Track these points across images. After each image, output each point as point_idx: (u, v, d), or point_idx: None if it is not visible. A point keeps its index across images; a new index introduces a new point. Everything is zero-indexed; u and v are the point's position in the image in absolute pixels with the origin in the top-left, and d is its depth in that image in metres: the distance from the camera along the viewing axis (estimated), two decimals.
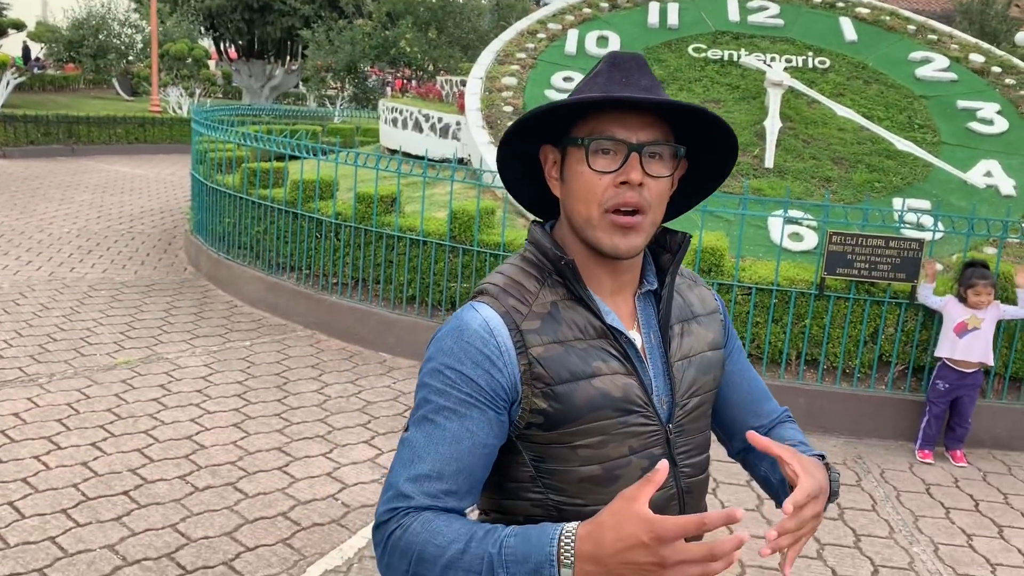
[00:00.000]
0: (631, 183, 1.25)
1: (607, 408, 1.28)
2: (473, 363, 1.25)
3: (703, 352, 1.43)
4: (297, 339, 6.58)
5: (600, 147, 1.27)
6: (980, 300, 5.04)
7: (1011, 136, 8.06)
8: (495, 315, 1.28)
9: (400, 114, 9.19)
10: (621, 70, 1.31)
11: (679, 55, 9.06)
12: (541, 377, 1.26)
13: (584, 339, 1.30)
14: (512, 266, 1.38)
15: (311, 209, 6.81)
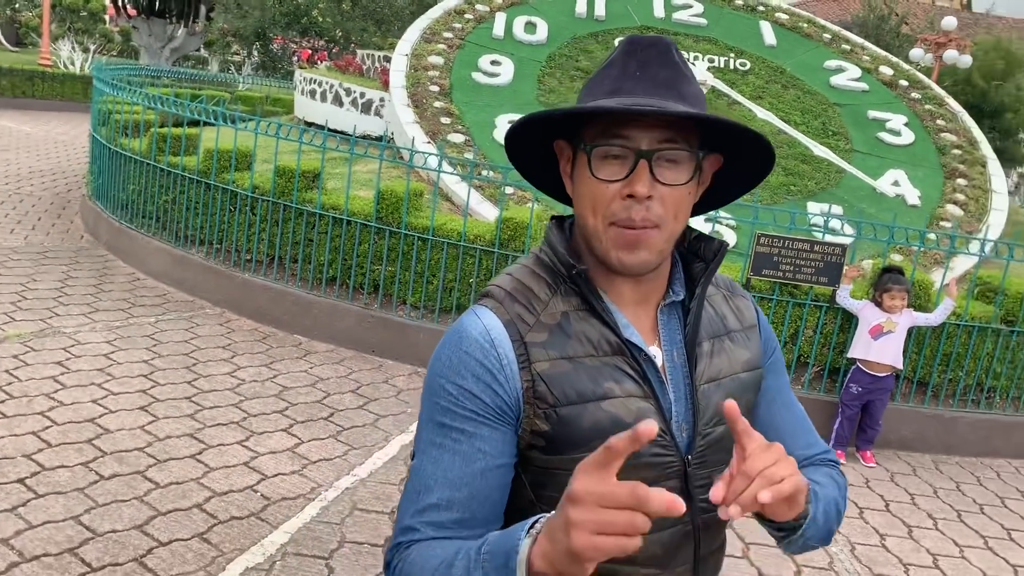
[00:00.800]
0: (637, 196, 1.11)
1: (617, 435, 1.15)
2: (474, 377, 1.14)
3: (736, 373, 1.27)
4: (206, 317, 6.25)
5: (606, 152, 1.13)
6: (894, 304, 5.21)
7: (917, 148, 8.41)
8: (498, 323, 1.16)
9: (319, 86, 8.86)
10: (637, 60, 1.16)
11: (605, 47, 9.04)
12: (544, 397, 1.14)
13: (597, 355, 1.16)
14: (523, 267, 1.24)
15: (226, 180, 6.46)
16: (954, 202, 7.71)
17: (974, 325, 5.64)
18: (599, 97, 1.16)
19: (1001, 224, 7.50)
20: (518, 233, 5.62)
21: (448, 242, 5.73)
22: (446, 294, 5.84)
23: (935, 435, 5.70)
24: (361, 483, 4.17)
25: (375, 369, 5.73)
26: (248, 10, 18.65)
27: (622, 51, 1.18)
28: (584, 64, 8.73)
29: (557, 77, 8.48)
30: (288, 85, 18.12)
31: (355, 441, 4.63)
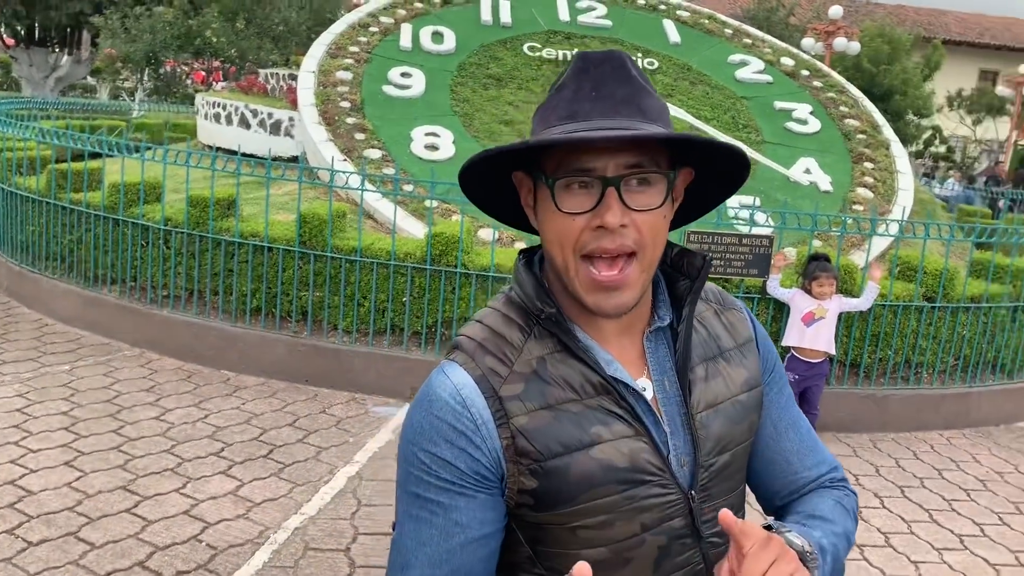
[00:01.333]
0: (608, 227, 1.03)
1: (610, 483, 1.07)
2: (447, 442, 1.05)
3: (735, 396, 1.19)
4: (125, 360, 5.93)
5: (569, 183, 1.04)
6: (823, 291, 5.31)
7: (824, 135, 8.65)
8: (468, 381, 1.07)
9: (223, 109, 8.55)
10: (591, 78, 1.07)
11: (514, 53, 9.02)
12: (527, 452, 1.06)
13: (580, 399, 1.08)
14: (493, 311, 1.15)
15: (135, 215, 6.15)
16: (864, 185, 7.95)
17: (898, 304, 5.81)
18: (554, 123, 1.07)
19: (909, 203, 7.78)
20: (449, 248, 5.51)
21: (377, 262, 5.58)
22: (379, 316, 5.69)
23: (870, 414, 5.85)
24: (311, 521, 4.00)
25: (311, 399, 5.53)
26: (137, 34, 17.93)
27: (574, 70, 1.09)
28: (495, 71, 8.68)
29: (469, 86, 8.41)
30: (187, 109, 17.54)
31: (299, 477, 4.44)
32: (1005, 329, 6.25)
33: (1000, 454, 5.75)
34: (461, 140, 7.59)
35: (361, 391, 5.64)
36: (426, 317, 5.61)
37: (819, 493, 1.26)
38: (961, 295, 5.98)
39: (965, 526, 4.62)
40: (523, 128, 7.90)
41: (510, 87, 8.53)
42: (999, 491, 5.13)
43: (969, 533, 4.54)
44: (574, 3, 9.95)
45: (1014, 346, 6.32)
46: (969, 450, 5.76)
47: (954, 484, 5.17)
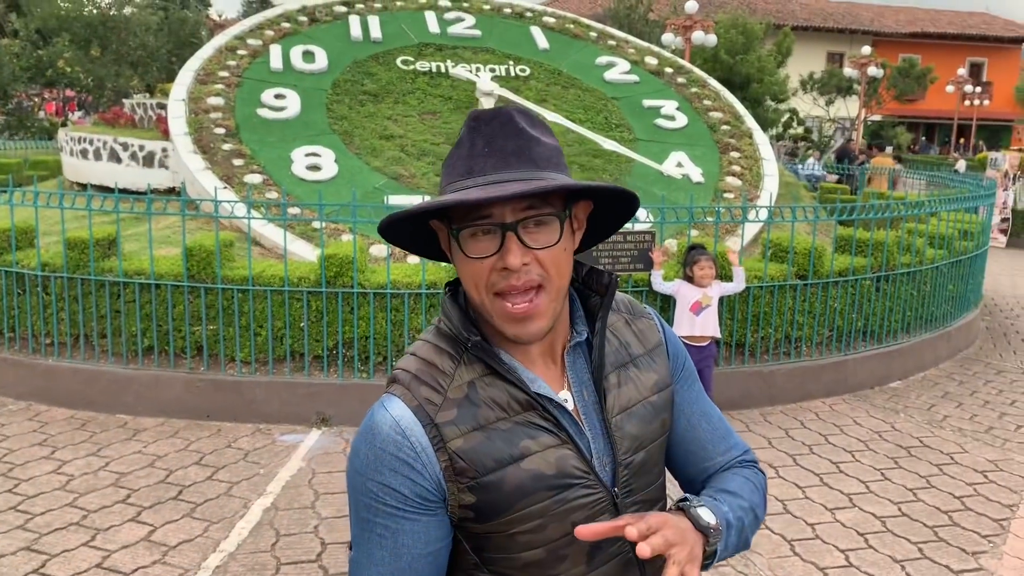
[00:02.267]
0: (511, 268, 1.14)
1: (541, 490, 1.18)
2: (391, 471, 1.15)
3: (646, 399, 1.31)
4: (10, 415, 5.67)
5: (473, 231, 1.15)
6: (704, 274, 5.58)
7: (691, 129, 9.07)
8: (407, 412, 1.17)
9: (91, 144, 8.25)
10: (482, 136, 1.18)
11: (388, 68, 9.06)
12: (464, 472, 1.16)
13: (509, 417, 1.19)
14: (425, 343, 1.26)
15: (8, 262, 5.88)
16: (732, 174, 8.39)
17: (774, 284, 6.19)
18: (455, 179, 1.18)
19: (775, 188, 8.26)
20: (344, 268, 5.53)
21: (271, 289, 5.54)
22: (278, 343, 5.65)
23: (758, 390, 6.20)
24: (231, 558, 3.97)
25: (215, 435, 5.44)
26: None
27: (467, 129, 1.20)
28: (370, 87, 8.70)
29: (346, 103, 8.40)
30: (45, 144, 16.69)
31: (212, 515, 4.39)
32: (871, 299, 6.74)
33: (877, 415, 6.20)
34: (343, 158, 7.59)
35: (266, 421, 5.59)
36: (326, 340, 5.60)
37: (732, 473, 1.39)
38: (829, 270, 6.41)
39: (852, 485, 4.99)
40: (403, 142, 7.96)
41: (387, 102, 8.57)
42: (879, 449, 5.54)
43: (856, 491, 4.90)
44: (442, 16, 10.07)
45: (880, 314, 6.82)
46: (849, 414, 6.19)
47: (839, 447, 5.56)
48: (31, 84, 17.69)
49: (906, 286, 6.98)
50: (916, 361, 7.17)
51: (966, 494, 4.90)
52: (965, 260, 7.90)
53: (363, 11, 9.92)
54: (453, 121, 8.45)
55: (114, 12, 18.94)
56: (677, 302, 5.69)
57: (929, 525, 4.50)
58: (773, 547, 4.21)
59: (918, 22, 44.67)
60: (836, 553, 4.17)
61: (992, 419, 6.20)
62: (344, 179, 7.31)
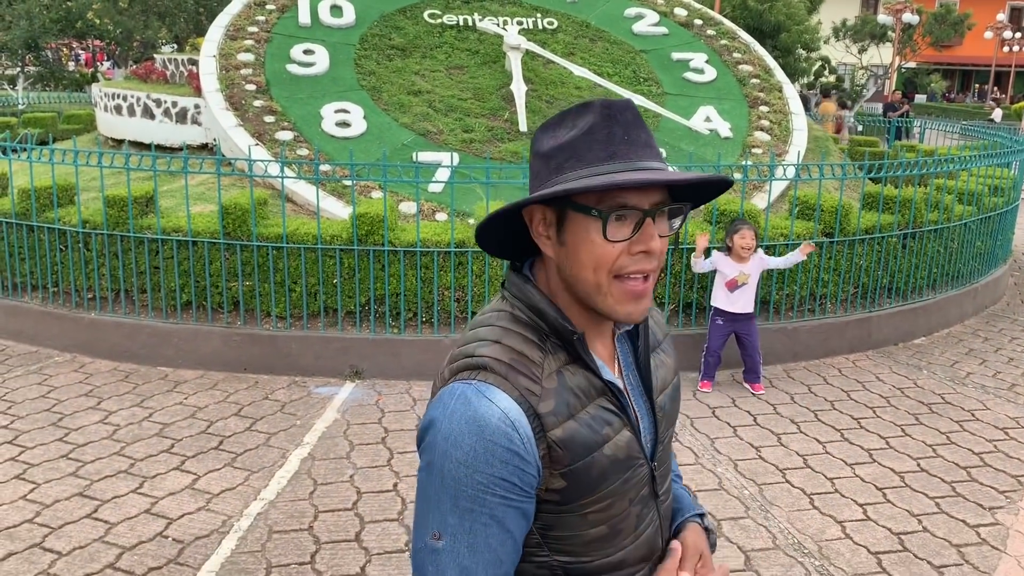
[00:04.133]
0: (651, 251, 1.22)
1: (617, 472, 1.28)
2: (502, 463, 1.18)
3: (672, 381, 1.46)
4: (57, 367, 5.90)
5: (619, 215, 1.21)
6: (745, 244, 5.57)
7: (720, 83, 9.01)
8: (513, 404, 1.20)
9: (124, 100, 8.37)
10: (620, 124, 1.23)
11: (415, 22, 9.05)
12: (560, 460, 1.23)
13: (589, 402, 1.27)
14: (505, 330, 1.28)
15: (50, 220, 6.07)
16: (761, 129, 8.36)
17: (799, 241, 6.22)
18: (594, 163, 1.22)
19: (804, 142, 8.22)
20: (375, 227, 5.64)
21: (304, 247, 5.68)
22: (312, 299, 5.80)
23: (782, 346, 6.28)
24: (271, 505, 4.17)
25: (252, 387, 5.64)
26: (12, 20, 17.08)
27: (602, 116, 1.24)
28: (398, 41, 8.71)
29: (374, 59, 8.44)
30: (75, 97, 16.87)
31: (253, 464, 4.59)
32: (897, 256, 6.75)
33: (900, 371, 6.27)
34: (371, 114, 7.66)
35: (301, 374, 5.77)
36: (358, 296, 5.75)
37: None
38: (856, 228, 6.43)
39: (872, 441, 5.09)
40: (431, 97, 8.00)
41: (415, 56, 8.59)
42: (900, 405, 5.63)
43: (877, 447, 5.01)
44: None
45: (906, 271, 6.84)
46: (872, 370, 6.27)
47: (861, 403, 5.65)
48: (61, 36, 17.83)
49: (933, 243, 6.98)
50: (941, 318, 7.20)
51: (985, 450, 4.98)
52: (994, 216, 7.85)
53: None
54: (480, 76, 8.47)
55: None
56: (716, 274, 5.73)
57: (947, 481, 4.60)
58: (793, 500, 4.34)
59: None
60: (854, 507, 4.29)
61: (1015, 376, 6.25)
62: (373, 135, 7.39)
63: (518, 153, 7.27)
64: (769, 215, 6.43)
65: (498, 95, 8.20)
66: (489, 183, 5.80)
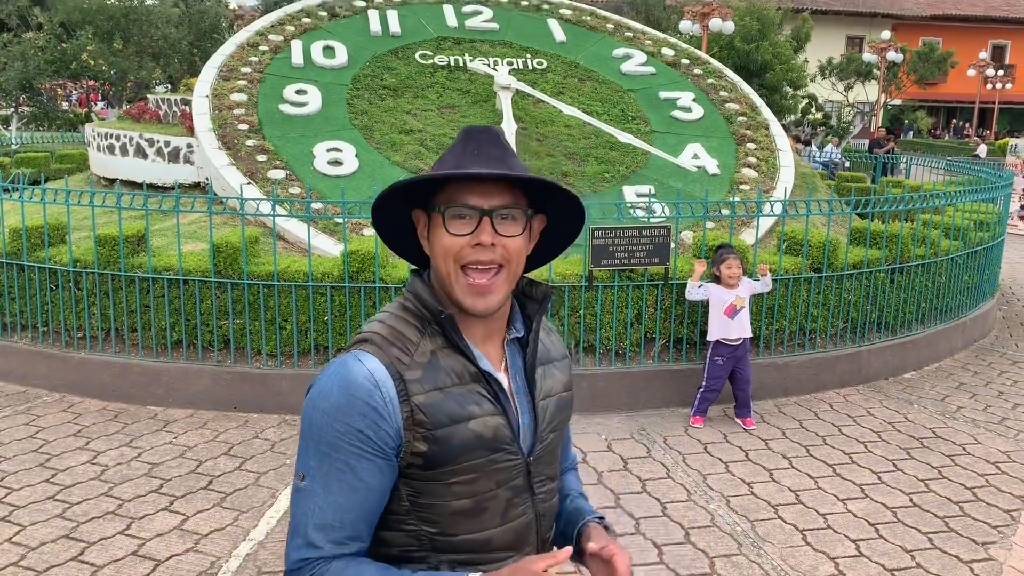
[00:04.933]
0: (483, 244, 1.41)
1: (480, 448, 1.43)
2: (360, 415, 1.37)
3: (560, 393, 1.62)
4: (46, 406, 5.87)
5: (456, 213, 1.42)
6: (732, 273, 5.64)
7: (707, 121, 9.12)
8: (380, 366, 1.40)
9: (117, 140, 8.42)
10: (474, 142, 1.46)
11: (407, 62, 9.17)
12: (422, 423, 1.39)
13: (461, 384, 1.44)
14: (392, 315, 1.49)
15: (41, 259, 6.07)
16: (748, 166, 8.45)
17: (788, 277, 6.27)
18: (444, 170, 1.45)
19: (791, 179, 8.31)
20: (366, 264, 5.67)
21: (295, 284, 5.69)
22: (302, 337, 5.80)
23: (773, 381, 6.30)
24: (260, 546, 4.13)
25: (242, 426, 5.61)
26: (7, 62, 17.21)
27: (461, 138, 1.49)
28: (390, 81, 8.81)
29: (366, 98, 8.52)
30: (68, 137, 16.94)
31: (242, 504, 4.55)
32: (885, 291, 6.80)
33: (890, 405, 6.28)
34: (364, 153, 7.72)
35: (292, 412, 5.75)
36: (349, 334, 5.75)
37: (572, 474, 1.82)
38: (844, 263, 6.48)
39: (864, 476, 5.09)
40: (423, 136, 8.08)
41: (406, 96, 8.68)
42: (891, 440, 5.63)
43: (868, 482, 5.00)
44: (460, 9, 10.15)
45: (894, 305, 6.89)
46: (863, 405, 6.28)
47: (852, 438, 5.65)
48: (56, 77, 17.95)
49: (921, 278, 7.03)
50: (931, 352, 7.23)
51: (978, 485, 4.98)
52: (981, 251, 7.93)
53: (382, 5, 10.02)
54: (472, 115, 8.56)
55: (136, 4, 19.13)
56: (710, 305, 5.73)
57: (940, 516, 4.59)
58: (785, 537, 4.32)
59: (939, 4, 44.14)
60: (847, 543, 4.28)
61: (1006, 410, 6.27)
62: (365, 174, 7.44)
63: None
64: (758, 251, 6.48)
65: None
66: None
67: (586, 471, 5.03)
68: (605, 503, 4.64)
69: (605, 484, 4.88)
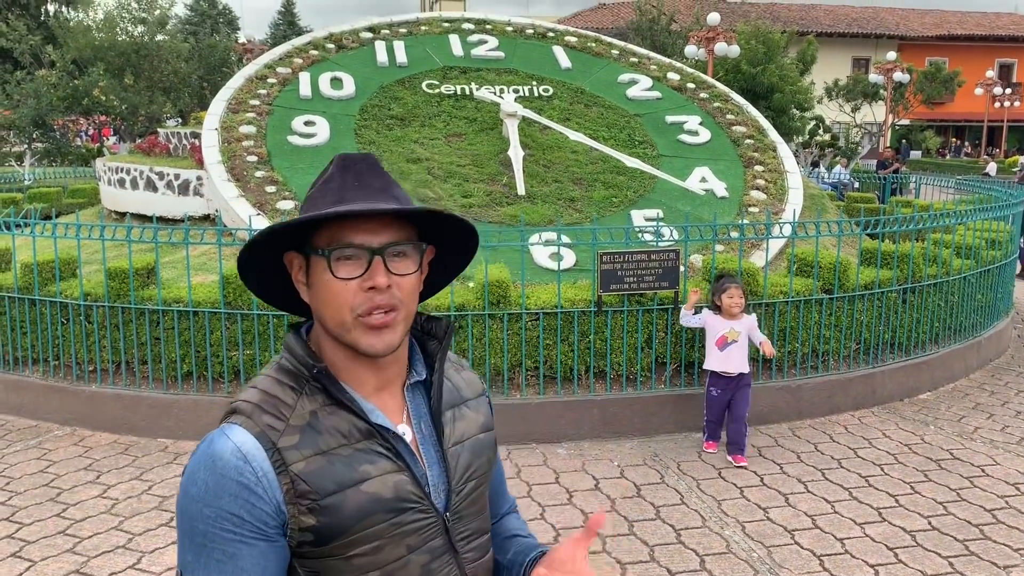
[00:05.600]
0: (378, 287, 1.26)
1: (379, 512, 1.27)
2: (231, 496, 1.20)
3: (475, 435, 1.46)
4: (57, 440, 5.86)
5: (342, 255, 1.26)
6: (733, 303, 5.50)
7: (714, 144, 9.13)
8: (249, 438, 1.23)
9: (127, 174, 8.49)
10: (352, 172, 1.31)
11: (414, 92, 9.23)
12: (305, 494, 1.23)
13: (349, 444, 1.27)
14: (267, 378, 1.33)
15: (52, 293, 6.10)
16: (756, 188, 8.44)
17: (800, 299, 6.23)
18: (325, 208, 1.28)
19: (800, 200, 8.29)
20: None
21: None
22: None
23: (786, 404, 6.24)
24: None
25: None
26: (21, 99, 17.45)
27: (337, 167, 1.32)
28: (397, 111, 8.87)
29: (374, 128, 8.58)
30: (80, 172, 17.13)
31: None
32: (898, 311, 6.75)
33: (906, 427, 6.21)
34: None
35: None
36: None
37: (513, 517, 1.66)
38: (855, 284, 6.44)
39: (882, 499, 5.01)
40: (430, 164, 8.11)
41: (413, 125, 8.74)
42: (908, 462, 5.56)
43: (886, 505, 4.93)
44: (466, 39, 10.24)
45: (907, 325, 6.83)
46: (879, 427, 6.21)
47: (868, 461, 5.58)
48: (68, 113, 18.19)
49: (933, 297, 6.98)
50: (945, 372, 7.16)
51: (997, 507, 4.90)
52: (994, 269, 7.87)
53: (388, 36, 10.13)
54: (478, 142, 8.60)
55: (147, 40, 19.39)
56: (706, 333, 5.66)
57: (960, 539, 4.51)
58: (802, 563, 4.25)
59: (945, 24, 44.29)
60: (866, 568, 4.21)
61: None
62: None
63: (516, 216, 7.33)
64: (768, 273, 6.45)
65: (496, 161, 8.32)
66: (488, 246, 5.83)
67: (598, 498, 4.99)
68: (618, 530, 4.59)
69: (618, 511, 4.83)
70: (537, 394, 5.88)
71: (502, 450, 5.65)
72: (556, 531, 4.58)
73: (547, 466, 5.47)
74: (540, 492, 5.06)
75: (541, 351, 5.84)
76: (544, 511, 4.82)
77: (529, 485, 5.17)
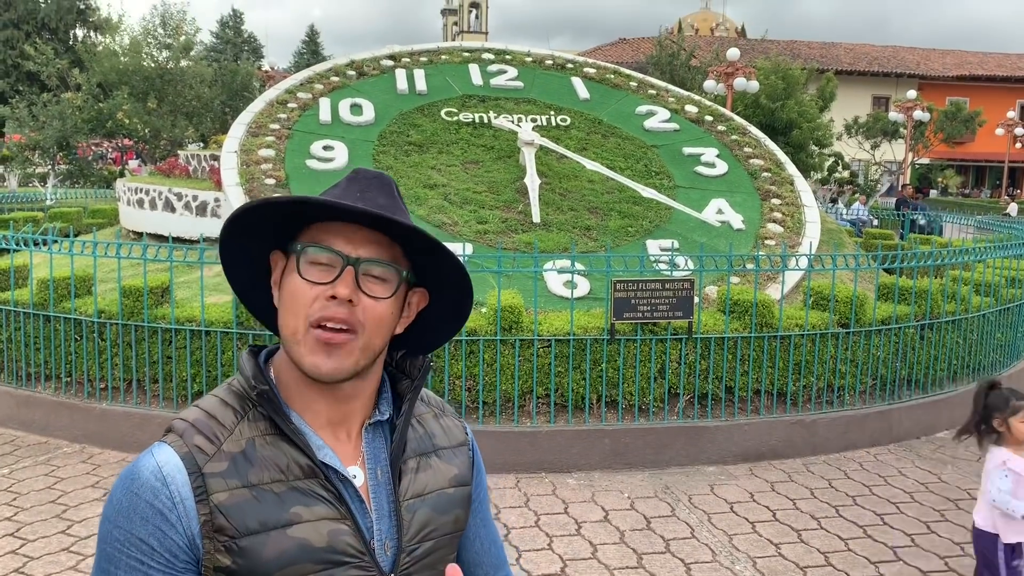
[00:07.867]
0: (339, 297, 1.13)
1: (306, 562, 1.12)
2: (142, 520, 1.08)
3: (442, 489, 1.29)
4: (66, 457, 5.85)
5: (315, 257, 1.14)
6: None
7: (731, 176, 9.12)
8: (174, 458, 1.11)
9: (147, 194, 8.57)
10: (359, 184, 1.20)
11: (433, 119, 9.29)
12: (224, 529, 1.10)
13: (285, 481, 1.13)
14: (212, 397, 1.20)
15: (67, 309, 6.13)
16: (773, 221, 8.40)
17: (815, 333, 6.16)
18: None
19: (817, 234, 8.24)
20: None
21: None
22: None
23: (801, 439, 6.15)
24: None
25: None
26: (46, 121, 17.72)
27: (347, 178, 1.22)
28: (415, 138, 8.93)
29: (392, 154, 8.63)
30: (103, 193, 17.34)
31: None
32: (915, 347, 6.66)
33: (923, 465, 6.10)
34: None
35: None
36: None
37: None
38: (872, 319, 6.37)
39: (897, 538, 4.91)
40: (447, 191, 8.14)
41: (431, 152, 8.78)
42: (925, 501, 5.45)
43: (901, 544, 4.82)
44: (485, 68, 10.32)
45: (924, 362, 6.74)
46: (895, 464, 6.10)
47: (884, 499, 5.47)
48: (92, 135, 18.48)
49: (952, 334, 6.89)
50: (964, 411, 6.96)
51: None
52: (1014, 307, 7.77)
53: (409, 64, 10.22)
54: (495, 170, 8.62)
55: (171, 65, 19.72)
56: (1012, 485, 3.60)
57: None
58: None
59: (965, 65, 44.31)
60: None
61: None
62: None
63: (531, 243, 7.33)
64: (783, 305, 6.39)
65: (512, 188, 8.33)
66: (501, 271, 5.82)
67: (608, 530, 4.91)
68: (627, 563, 4.51)
69: (627, 543, 4.75)
70: (547, 422, 5.82)
71: (510, 478, 5.59)
72: (563, 562, 4.51)
73: (556, 496, 5.41)
74: (548, 522, 4.99)
75: (552, 378, 5.79)
76: (552, 541, 4.75)
77: (537, 515, 5.10)
